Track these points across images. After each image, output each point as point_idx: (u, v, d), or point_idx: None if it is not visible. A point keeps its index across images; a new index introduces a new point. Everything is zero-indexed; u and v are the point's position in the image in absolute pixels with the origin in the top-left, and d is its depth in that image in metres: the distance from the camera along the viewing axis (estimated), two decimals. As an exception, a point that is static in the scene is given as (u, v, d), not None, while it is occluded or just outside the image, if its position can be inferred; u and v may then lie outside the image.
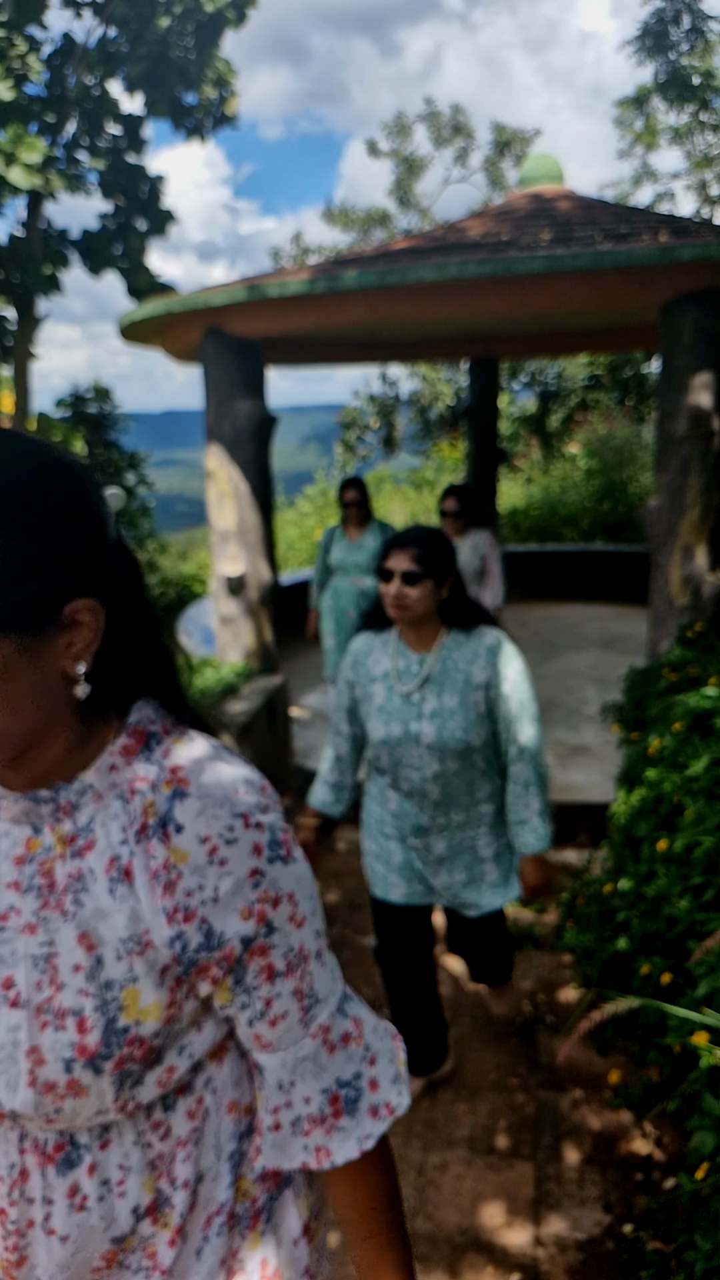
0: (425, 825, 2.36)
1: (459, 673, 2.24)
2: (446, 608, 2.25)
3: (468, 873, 2.40)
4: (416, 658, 2.28)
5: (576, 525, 11.99)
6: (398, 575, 2.17)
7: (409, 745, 2.26)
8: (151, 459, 12.64)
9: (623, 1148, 2.44)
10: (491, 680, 2.23)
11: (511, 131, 18.90)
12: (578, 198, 6.04)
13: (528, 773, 2.30)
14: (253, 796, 0.82)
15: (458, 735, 2.21)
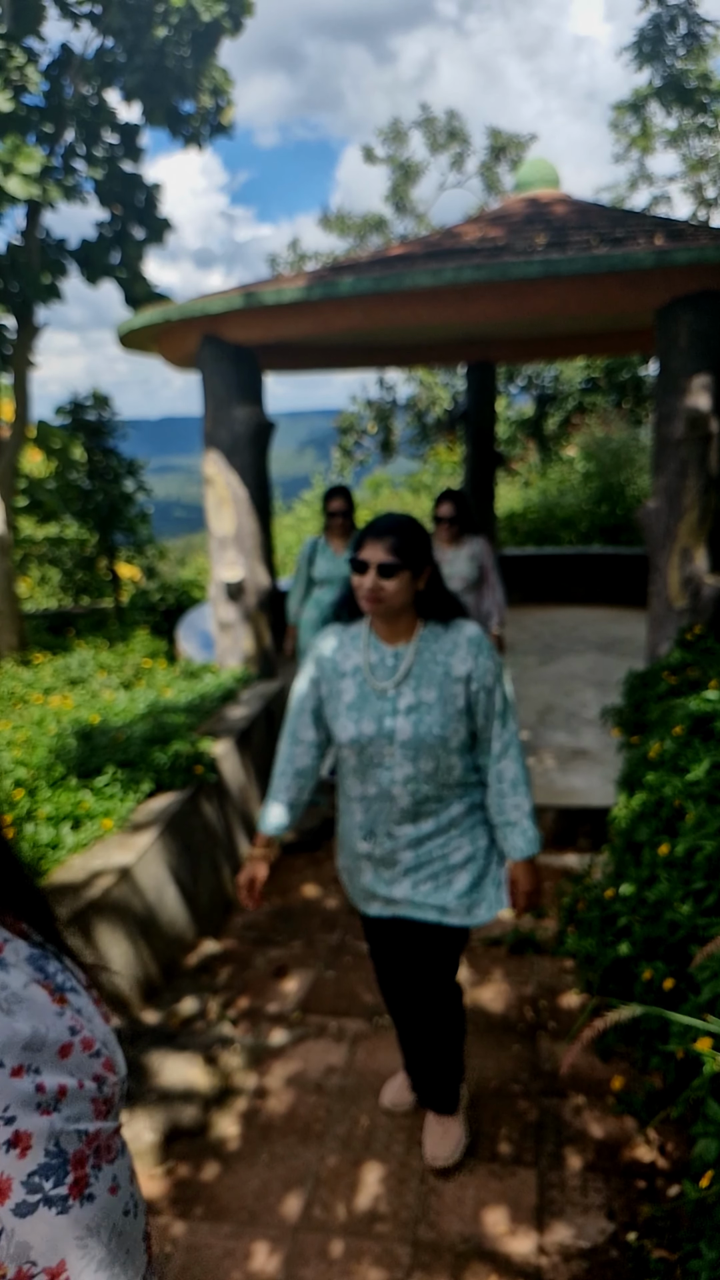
0: (393, 834, 2.18)
1: (437, 665, 2.11)
2: (423, 600, 2.12)
3: (434, 882, 2.21)
4: (391, 651, 2.14)
5: (574, 528, 12.00)
6: (373, 567, 2.02)
7: (381, 744, 2.11)
8: (150, 465, 12.65)
9: (626, 1154, 2.43)
10: (473, 673, 2.11)
11: (507, 136, 18.94)
12: (573, 202, 6.04)
13: (514, 769, 2.18)
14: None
15: (435, 731, 2.08)
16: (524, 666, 7.01)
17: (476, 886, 2.22)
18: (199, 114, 8.91)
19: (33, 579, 13.97)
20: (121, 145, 9.05)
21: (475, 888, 2.22)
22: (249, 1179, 2.41)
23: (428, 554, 2.10)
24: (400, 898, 2.22)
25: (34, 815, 3.35)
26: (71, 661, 7.45)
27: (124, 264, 9.17)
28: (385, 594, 2.04)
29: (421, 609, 2.14)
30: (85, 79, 8.60)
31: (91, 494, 11.83)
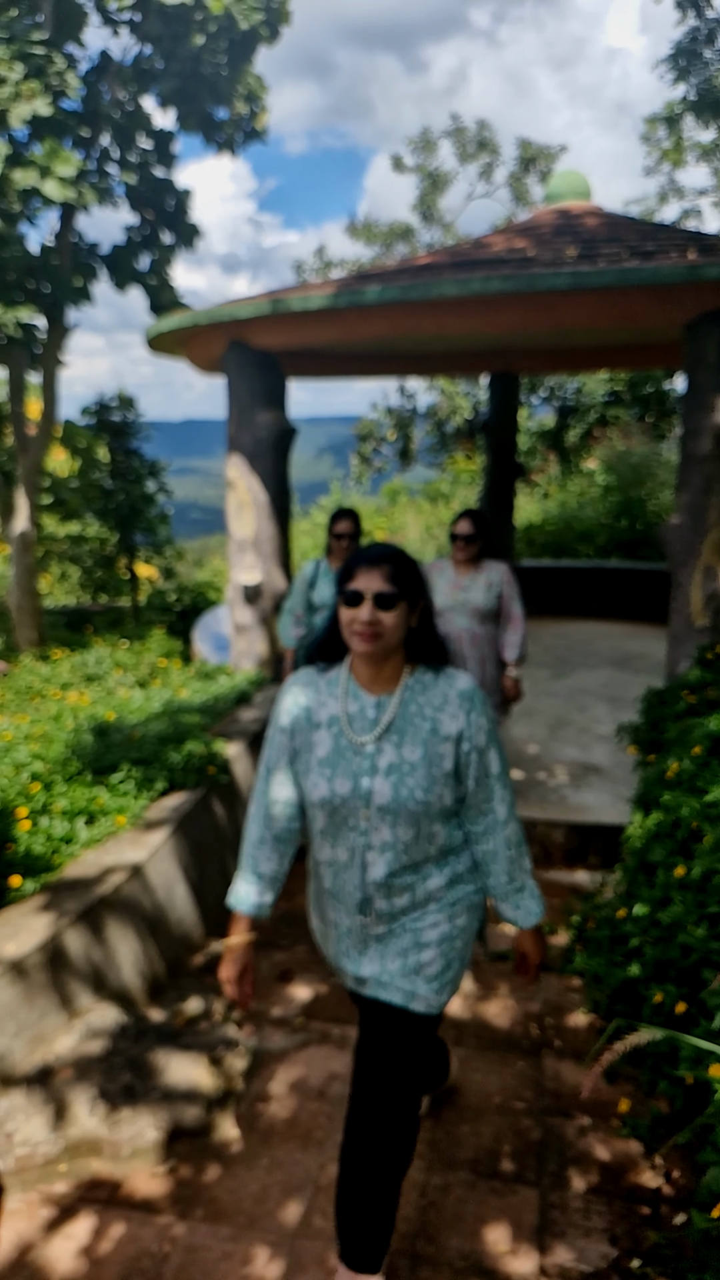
0: (365, 905, 1.94)
1: (424, 720, 1.87)
2: (414, 640, 1.90)
3: (402, 960, 1.96)
4: (373, 700, 1.90)
5: (592, 541, 11.96)
6: (369, 598, 1.80)
7: (356, 806, 1.87)
8: (170, 467, 12.73)
9: (630, 1179, 2.41)
10: (464, 731, 1.87)
11: (536, 147, 18.96)
12: (604, 214, 6.04)
13: (518, 831, 2.00)
14: None
15: (417, 796, 1.84)
16: (536, 679, 6.99)
17: (447, 968, 1.97)
18: (233, 120, 8.97)
19: (53, 576, 14.06)
20: (155, 151, 9.13)
21: (445, 970, 1.97)
22: (249, 1182, 2.40)
23: (423, 586, 1.90)
24: (368, 975, 1.99)
25: (49, 809, 3.36)
26: (89, 658, 7.49)
27: (152, 270, 9.24)
28: (384, 628, 1.82)
29: (411, 651, 1.91)
30: (122, 85, 8.68)
31: (113, 494, 11.91)
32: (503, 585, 4.00)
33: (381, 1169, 1.94)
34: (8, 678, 7.16)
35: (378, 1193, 1.94)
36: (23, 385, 9.60)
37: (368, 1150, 1.94)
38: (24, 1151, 2.42)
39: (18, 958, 2.60)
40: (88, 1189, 2.38)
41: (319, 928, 2.11)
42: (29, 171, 7.58)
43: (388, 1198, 1.96)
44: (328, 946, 2.09)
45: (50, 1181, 2.39)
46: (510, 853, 1.99)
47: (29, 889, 2.96)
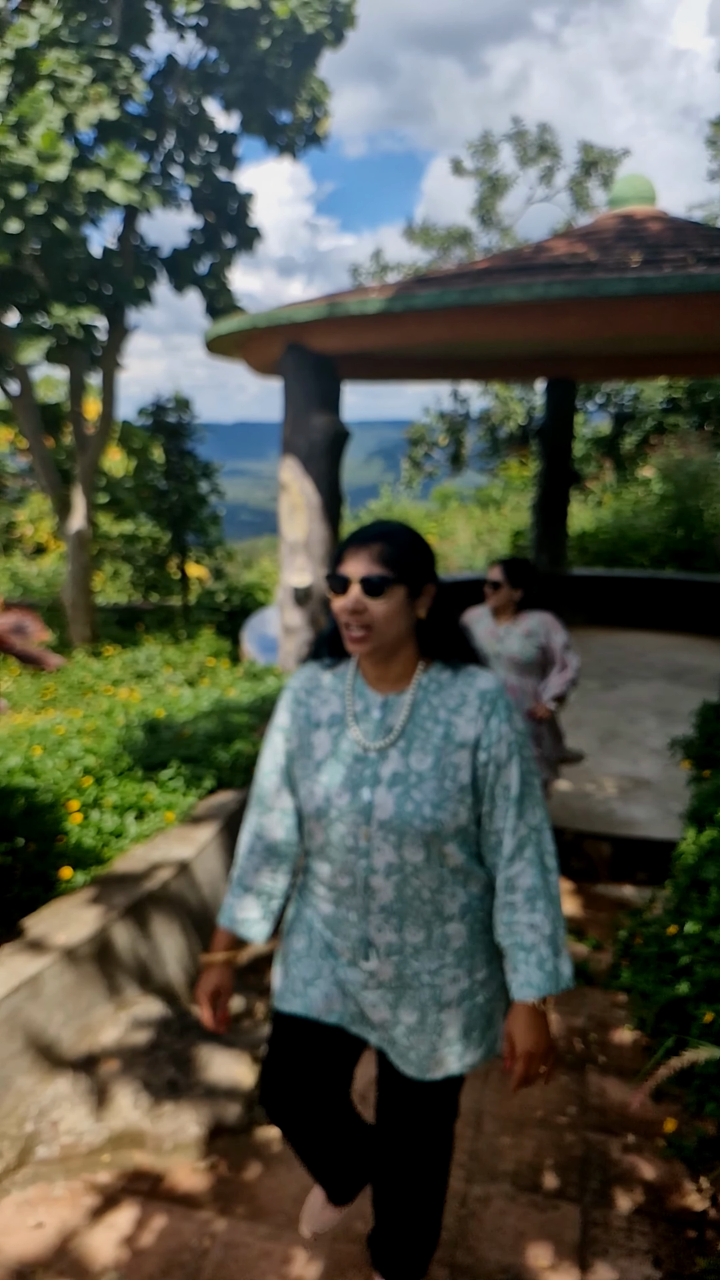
0: (368, 940, 1.66)
1: (438, 724, 1.60)
2: (426, 632, 1.63)
3: (419, 1016, 1.68)
4: (380, 700, 1.65)
5: (646, 551, 11.79)
6: (355, 582, 1.55)
7: (355, 821, 1.61)
8: (222, 468, 12.87)
9: (674, 1201, 2.36)
10: (481, 738, 1.59)
11: (598, 151, 18.80)
12: (669, 219, 5.96)
13: (532, 876, 1.60)
14: None
15: (425, 813, 1.57)
16: (586, 690, 6.91)
17: (469, 1030, 1.69)
18: (295, 124, 9.04)
19: (105, 573, 14.30)
20: (218, 154, 9.24)
21: (468, 1031, 1.69)
22: (289, 1182, 2.41)
23: (429, 570, 1.63)
24: (375, 1021, 1.73)
25: (100, 803, 3.42)
26: (139, 656, 7.60)
27: (211, 273, 9.35)
28: (372, 618, 1.55)
29: (424, 645, 1.64)
30: (187, 88, 8.80)
31: (167, 494, 12.07)
32: (548, 635, 3.66)
33: (415, 1228, 1.83)
34: (61, 673, 7.30)
35: (414, 1221, 1.84)
36: (82, 386, 9.78)
37: (400, 1215, 1.83)
38: (69, 1140, 2.46)
39: (68, 947, 2.65)
40: (130, 1180, 2.41)
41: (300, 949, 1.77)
42: (94, 174, 7.73)
43: (426, 1223, 1.86)
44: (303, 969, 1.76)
45: (93, 1171, 2.42)
46: (512, 899, 1.61)
47: (79, 881, 3.01)
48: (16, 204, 7.59)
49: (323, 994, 1.72)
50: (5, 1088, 2.43)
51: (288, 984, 1.77)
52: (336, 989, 1.73)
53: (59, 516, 10.19)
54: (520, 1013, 1.62)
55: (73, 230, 7.92)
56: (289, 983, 1.77)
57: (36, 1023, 2.54)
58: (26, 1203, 2.30)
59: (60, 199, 7.67)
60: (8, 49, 7.65)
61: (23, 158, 7.40)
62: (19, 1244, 2.18)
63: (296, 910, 1.81)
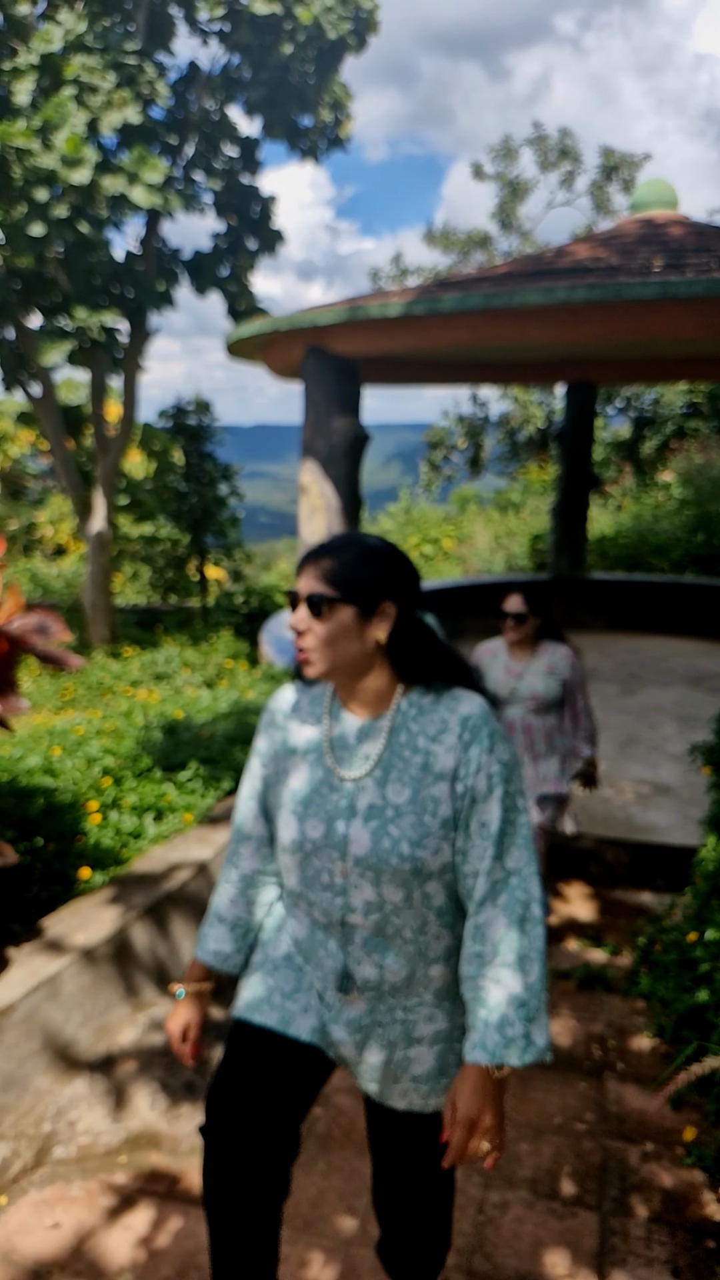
0: (347, 973, 1.53)
1: (416, 753, 1.47)
2: (397, 655, 1.49)
3: (386, 1055, 1.56)
4: (357, 724, 1.53)
5: (667, 556, 11.72)
6: (302, 601, 1.47)
7: (330, 857, 1.49)
8: (241, 471, 12.92)
9: (694, 1210, 2.34)
10: (460, 769, 1.45)
11: (619, 156, 18.75)
12: (690, 223, 5.93)
13: (505, 924, 1.43)
14: None
15: (404, 850, 1.44)
16: (605, 695, 6.87)
17: (442, 1075, 1.57)
18: (317, 128, 9.07)
19: (125, 575, 14.38)
20: (240, 158, 9.29)
21: (441, 1075, 1.57)
22: (306, 1186, 2.40)
23: (387, 588, 1.47)
24: (345, 1054, 1.60)
25: (119, 804, 3.43)
26: (158, 657, 7.63)
27: (233, 276, 9.39)
28: (315, 640, 1.45)
29: (401, 669, 1.50)
30: (210, 93, 8.85)
31: (187, 496, 12.13)
32: (568, 672, 3.38)
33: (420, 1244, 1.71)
34: (81, 673, 7.34)
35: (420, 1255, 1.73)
36: (104, 388, 9.84)
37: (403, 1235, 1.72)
38: (86, 1140, 2.47)
39: (87, 947, 2.66)
40: (147, 1181, 2.42)
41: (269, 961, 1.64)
42: (117, 178, 7.78)
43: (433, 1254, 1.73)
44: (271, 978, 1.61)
45: (110, 1171, 2.43)
46: (479, 949, 1.44)
47: (98, 881, 3.03)
48: (40, 208, 7.65)
49: (303, 1008, 1.58)
50: (23, 1088, 2.44)
51: (263, 994, 1.60)
52: (317, 1007, 1.59)
53: (79, 518, 10.25)
54: (468, 1075, 1.42)
55: (96, 234, 7.97)
56: (265, 992, 1.60)
57: (55, 1023, 2.55)
58: (44, 1203, 2.31)
59: (84, 203, 7.73)
60: (33, 54, 7.72)
61: (47, 162, 7.46)
62: (36, 1244, 2.19)
63: (274, 922, 1.68)
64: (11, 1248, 2.17)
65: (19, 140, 7.40)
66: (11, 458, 16.34)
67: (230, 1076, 1.57)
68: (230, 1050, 1.60)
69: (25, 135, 7.43)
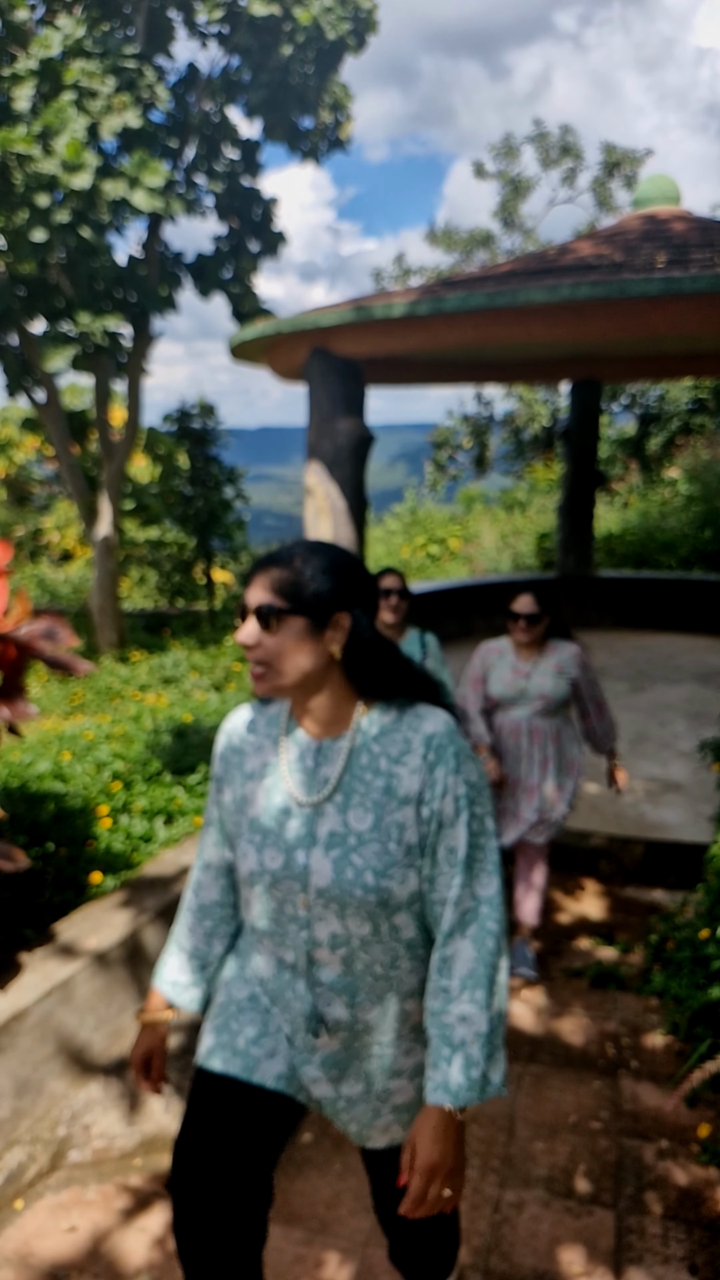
0: (317, 1015, 1.44)
1: (378, 776, 1.39)
2: (357, 670, 1.40)
3: (364, 1086, 1.49)
4: (315, 745, 1.44)
5: (674, 553, 11.70)
6: (251, 613, 1.38)
7: (291, 888, 1.41)
8: (247, 474, 12.94)
9: (710, 1208, 2.33)
10: (425, 792, 1.37)
11: (621, 152, 18.71)
12: (694, 219, 5.92)
13: (471, 956, 1.36)
14: None
15: (368, 881, 1.36)
16: (615, 693, 6.86)
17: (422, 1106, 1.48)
18: (318, 130, 9.08)
19: (132, 579, 14.40)
20: (241, 160, 9.30)
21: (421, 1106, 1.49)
22: (321, 1187, 2.41)
23: (343, 598, 1.38)
24: (317, 1096, 1.52)
25: (129, 808, 3.44)
26: (166, 661, 7.64)
27: (236, 278, 9.41)
28: (266, 654, 1.37)
29: (361, 684, 1.42)
30: (210, 96, 8.87)
31: (192, 500, 12.15)
32: (579, 671, 3.33)
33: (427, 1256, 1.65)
34: (89, 678, 7.36)
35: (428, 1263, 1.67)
36: (108, 393, 9.86)
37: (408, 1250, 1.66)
38: (101, 1144, 2.47)
39: (99, 951, 2.66)
40: (162, 1183, 2.42)
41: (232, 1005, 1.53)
42: (118, 182, 7.80)
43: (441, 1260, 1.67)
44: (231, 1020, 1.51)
45: (126, 1174, 2.43)
46: (445, 982, 1.37)
47: (109, 885, 3.03)
48: (42, 213, 7.67)
49: (268, 1053, 1.48)
50: (38, 1092, 2.45)
51: (226, 1039, 1.50)
52: (285, 1051, 1.49)
53: (86, 523, 10.28)
54: (429, 1118, 1.35)
55: (98, 238, 7.99)
56: (227, 1038, 1.50)
57: (68, 1027, 2.56)
58: (60, 1206, 2.32)
59: (85, 207, 7.75)
60: (32, 59, 7.74)
61: (48, 167, 7.49)
62: (52, 1247, 2.19)
63: (237, 961, 1.58)
64: (29, 1251, 2.18)
65: (19, 146, 7.42)
66: (17, 464, 16.39)
67: (194, 1130, 1.48)
68: (193, 1101, 1.51)
69: (26, 141, 7.45)
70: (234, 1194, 1.44)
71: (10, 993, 2.45)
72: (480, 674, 3.39)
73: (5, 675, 2.15)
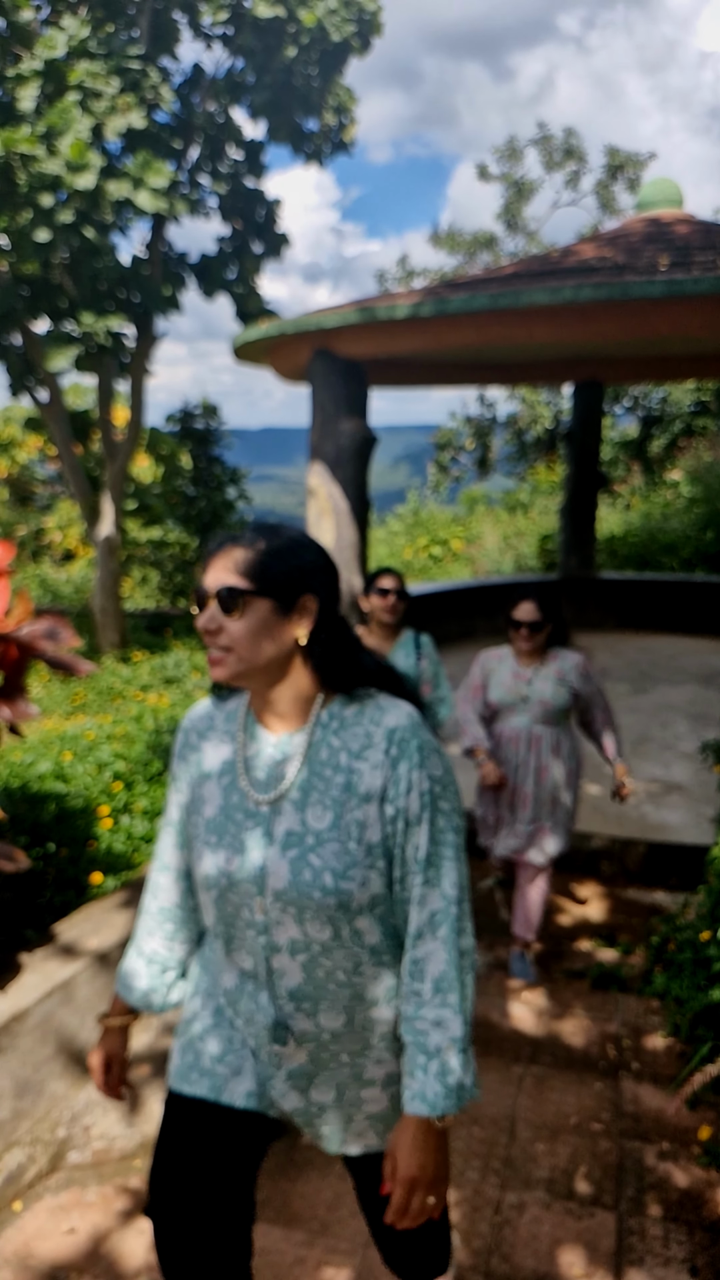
0: (283, 1025, 1.38)
1: (338, 772, 1.33)
2: (321, 657, 1.34)
3: (336, 1094, 1.43)
4: (273, 740, 1.38)
5: (676, 554, 11.69)
6: (211, 597, 1.31)
7: (248, 891, 1.34)
8: (249, 474, 12.94)
9: (711, 1209, 2.33)
10: (389, 789, 1.31)
11: (624, 155, 18.71)
12: (696, 222, 5.92)
13: (443, 960, 1.32)
14: None
15: (326, 883, 1.30)
16: (617, 695, 6.85)
17: (400, 1112, 1.43)
18: (322, 132, 9.09)
19: (134, 579, 14.41)
20: (245, 161, 9.30)
21: (398, 1112, 1.44)
22: (322, 1189, 2.40)
23: (308, 580, 1.33)
24: (289, 1110, 1.46)
25: (130, 808, 3.44)
26: (168, 661, 7.64)
27: (240, 278, 9.42)
28: (230, 639, 1.29)
29: (323, 673, 1.35)
30: (214, 97, 8.88)
31: (195, 500, 12.17)
32: (580, 680, 3.27)
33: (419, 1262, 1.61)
34: (91, 678, 7.37)
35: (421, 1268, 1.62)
36: (111, 393, 9.87)
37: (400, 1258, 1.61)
38: (101, 1145, 2.47)
39: (100, 951, 2.66)
40: (163, 1183, 2.42)
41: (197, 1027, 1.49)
42: (122, 183, 7.81)
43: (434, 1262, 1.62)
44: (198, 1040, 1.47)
45: (126, 1175, 2.43)
46: (418, 986, 1.33)
47: (110, 886, 3.03)
48: (46, 213, 7.68)
49: (234, 1071, 1.44)
50: (38, 1093, 2.45)
51: (191, 1060, 1.46)
52: (252, 1066, 1.45)
53: (88, 523, 10.29)
54: (408, 1129, 1.32)
55: (101, 239, 8.00)
56: (193, 1058, 1.46)
57: (69, 1028, 2.56)
58: (59, 1208, 2.32)
59: (89, 208, 7.75)
60: (37, 60, 7.75)
61: (52, 167, 7.49)
62: (52, 1249, 2.19)
63: (201, 973, 1.52)
64: (28, 1253, 2.18)
65: (23, 146, 7.43)
66: (19, 463, 16.41)
67: (167, 1155, 1.45)
68: (164, 1124, 1.48)
69: (30, 141, 7.46)
70: (212, 1216, 1.41)
71: (11, 993, 2.45)
72: (480, 680, 3.36)
73: (7, 675, 2.15)
